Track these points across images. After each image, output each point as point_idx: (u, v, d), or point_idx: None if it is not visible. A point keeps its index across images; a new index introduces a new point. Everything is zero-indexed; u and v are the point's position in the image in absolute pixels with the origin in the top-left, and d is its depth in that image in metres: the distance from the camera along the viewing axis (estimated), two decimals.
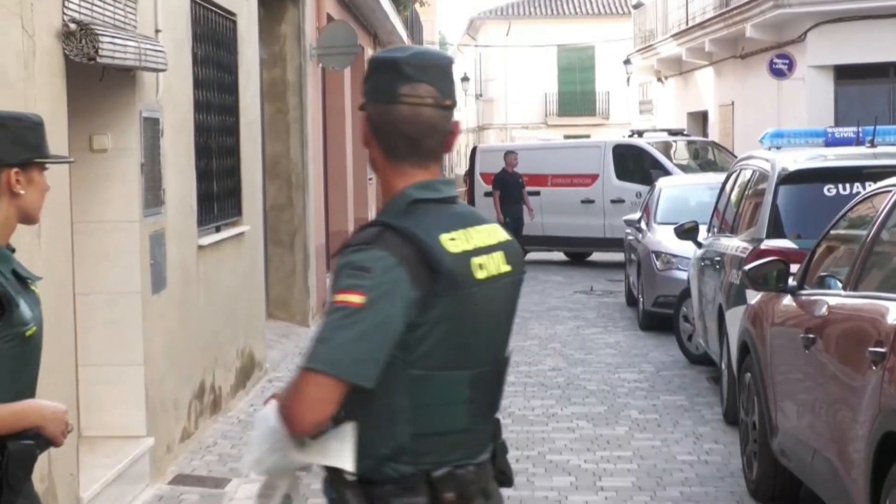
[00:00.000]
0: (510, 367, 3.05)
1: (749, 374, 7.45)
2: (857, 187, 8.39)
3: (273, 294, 13.85)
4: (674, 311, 12.68)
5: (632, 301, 16.31)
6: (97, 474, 6.87)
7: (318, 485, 2.98)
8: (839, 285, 6.15)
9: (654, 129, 26.44)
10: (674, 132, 24.48)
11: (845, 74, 21.45)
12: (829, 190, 8.66)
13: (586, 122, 52.92)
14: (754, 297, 7.66)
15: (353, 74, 19.35)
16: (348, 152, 19.92)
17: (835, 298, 6.02)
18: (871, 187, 6.82)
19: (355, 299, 2.68)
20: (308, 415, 2.71)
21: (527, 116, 54.16)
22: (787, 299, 6.81)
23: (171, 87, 8.18)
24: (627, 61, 39.26)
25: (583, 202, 22.57)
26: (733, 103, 26.12)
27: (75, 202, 6.94)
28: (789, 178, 8.92)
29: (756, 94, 24.00)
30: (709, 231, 11.15)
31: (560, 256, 24.51)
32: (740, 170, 10.58)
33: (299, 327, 13.92)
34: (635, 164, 22.35)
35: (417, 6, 32.43)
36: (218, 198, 9.98)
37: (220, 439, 8.91)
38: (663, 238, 14.11)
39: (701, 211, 13.09)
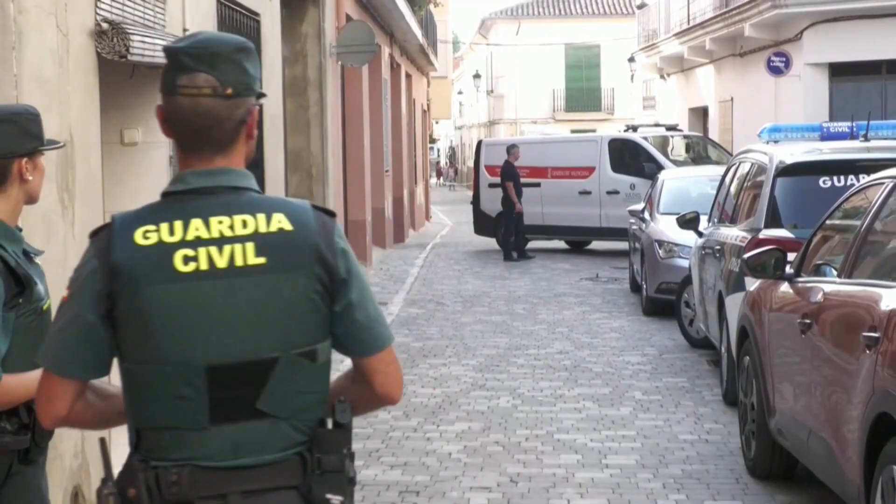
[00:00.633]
0: (520, 351, 2.93)
1: (748, 358, 7.43)
2: (851, 179, 8.35)
3: None
4: (676, 297, 12.66)
5: (635, 288, 16.29)
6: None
7: None
8: (834, 273, 6.13)
9: (647, 125, 26.54)
10: (668, 127, 24.56)
11: (840, 72, 21.38)
12: (825, 182, 8.63)
13: (592, 117, 52.87)
14: (753, 284, 7.64)
15: (370, 72, 19.34)
16: (366, 145, 19.93)
17: (830, 285, 6.00)
18: (864, 179, 6.80)
19: (65, 293, 2.61)
20: (40, 410, 2.67)
21: (535, 112, 54.12)
22: (784, 286, 6.79)
23: None
24: (631, 59, 39.23)
25: (580, 193, 22.68)
26: (732, 99, 26.05)
27: (107, 193, 6.95)
28: (786, 171, 8.89)
29: (754, 91, 23.93)
30: (709, 221, 11.12)
31: (562, 245, 24.56)
32: (739, 163, 10.55)
33: None
34: (630, 157, 22.50)
35: (432, 6, 32.38)
36: None
37: None
38: (666, 228, 14.09)
39: (702, 202, 13.07)
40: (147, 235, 2.54)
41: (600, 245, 24.00)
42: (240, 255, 2.54)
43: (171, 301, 2.52)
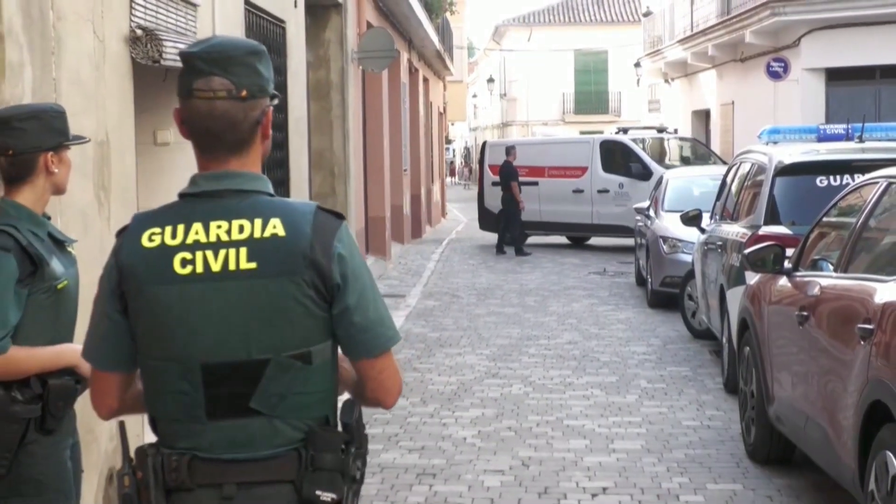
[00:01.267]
0: (531, 341, 2.90)
1: (748, 348, 7.41)
2: (847, 179, 8.33)
3: None
4: (679, 290, 12.64)
5: (641, 281, 16.28)
6: None
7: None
8: (831, 267, 6.11)
9: (638, 128, 26.79)
10: (659, 130, 24.72)
11: (836, 76, 21.29)
12: (822, 181, 8.60)
13: (600, 119, 52.78)
14: (753, 278, 7.62)
15: (389, 76, 19.33)
16: (385, 146, 19.92)
17: (827, 279, 5.98)
18: (859, 179, 6.78)
19: (97, 290, 2.64)
20: (94, 404, 2.69)
21: (546, 114, 54.11)
22: (782, 280, 6.77)
23: None
24: (637, 64, 39.11)
25: (574, 192, 22.85)
26: (733, 102, 25.96)
27: (141, 191, 6.95)
28: (785, 171, 8.86)
29: (754, 94, 23.85)
30: (711, 218, 11.09)
31: (563, 240, 24.66)
32: (740, 163, 10.52)
33: None
34: (620, 158, 22.67)
35: (448, 14, 32.34)
36: None
37: None
38: (670, 224, 14.07)
39: (704, 200, 13.05)
40: (152, 238, 2.54)
41: (604, 241, 23.99)
42: (233, 259, 2.51)
43: (169, 301, 2.52)
